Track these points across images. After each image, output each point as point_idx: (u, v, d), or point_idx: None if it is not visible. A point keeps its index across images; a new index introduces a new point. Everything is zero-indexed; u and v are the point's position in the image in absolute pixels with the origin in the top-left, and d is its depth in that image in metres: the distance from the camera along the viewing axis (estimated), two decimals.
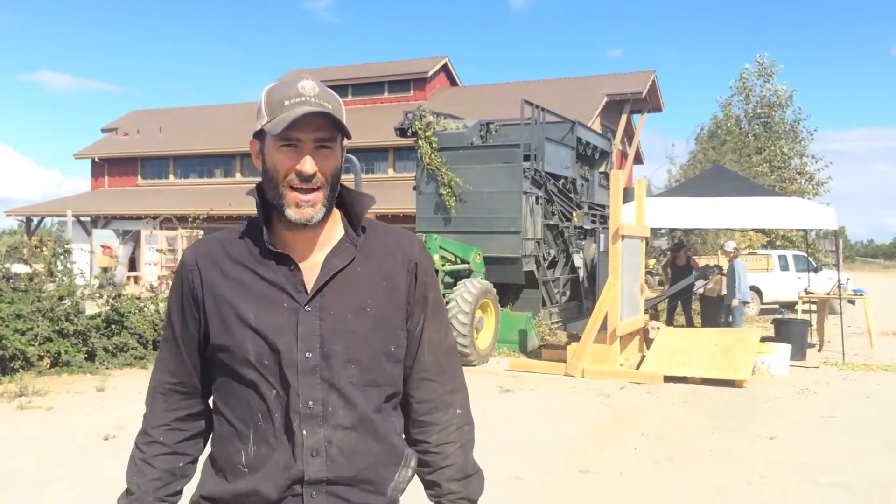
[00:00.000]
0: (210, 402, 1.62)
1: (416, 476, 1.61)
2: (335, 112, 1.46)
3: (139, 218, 25.16)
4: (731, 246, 12.70)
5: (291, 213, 1.46)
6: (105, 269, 11.62)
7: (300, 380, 1.44)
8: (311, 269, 1.51)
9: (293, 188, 1.46)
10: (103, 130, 33.31)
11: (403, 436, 1.62)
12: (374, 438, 1.50)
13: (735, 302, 11.88)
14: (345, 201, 1.57)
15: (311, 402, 1.45)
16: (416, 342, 1.61)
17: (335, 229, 1.55)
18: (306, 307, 1.47)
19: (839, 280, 12.35)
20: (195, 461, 1.63)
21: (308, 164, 1.45)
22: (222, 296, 1.50)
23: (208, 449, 1.61)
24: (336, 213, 1.56)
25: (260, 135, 1.51)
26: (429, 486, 1.64)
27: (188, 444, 1.61)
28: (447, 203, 12.56)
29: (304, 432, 1.44)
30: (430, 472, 1.62)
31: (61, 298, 9.51)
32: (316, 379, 1.45)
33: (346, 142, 1.56)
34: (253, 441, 1.48)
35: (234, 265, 1.51)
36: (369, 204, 1.57)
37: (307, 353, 1.45)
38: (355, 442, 1.47)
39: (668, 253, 15.21)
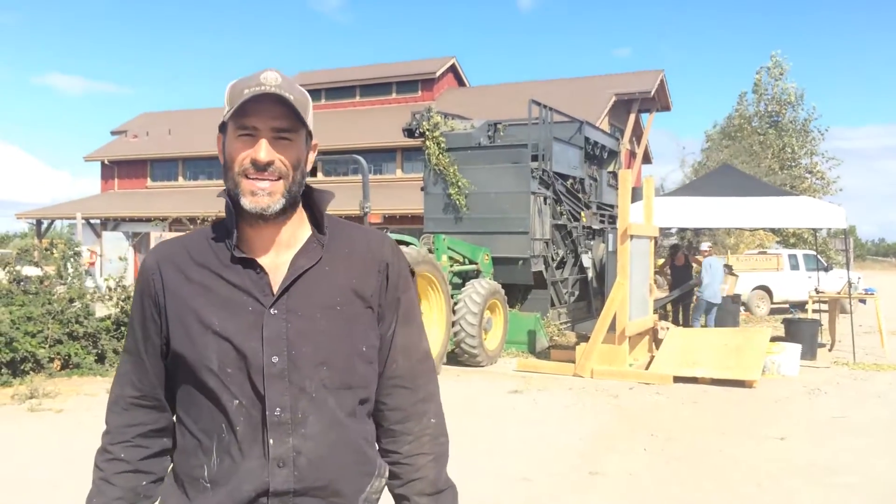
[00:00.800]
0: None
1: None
2: (296, 103, 1.39)
3: (149, 220, 25.36)
4: (705, 246, 13.33)
5: (246, 201, 1.39)
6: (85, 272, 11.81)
7: (267, 386, 1.37)
8: (277, 270, 1.43)
9: (248, 177, 1.39)
10: (113, 133, 33.47)
11: (377, 446, 1.54)
12: (345, 447, 1.43)
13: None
14: (310, 201, 1.50)
15: (278, 410, 1.37)
16: (388, 347, 1.52)
17: (301, 229, 1.49)
18: (272, 310, 1.39)
19: (849, 279, 12.30)
20: (159, 481, 1.52)
21: (263, 152, 1.38)
22: (185, 301, 1.42)
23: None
24: (302, 214, 1.49)
25: (223, 129, 1.45)
26: (398, 499, 1.55)
27: (151, 462, 1.51)
28: (455, 204, 12.58)
29: (271, 441, 1.36)
30: (399, 484, 1.53)
31: (71, 301, 9.57)
32: (284, 384, 1.37)
33: (315, 141, 1.50)
34: (216, 453, 1.39)
35: (199, 269, 1.44)
36: (329, 200, 1.50)
37: (273, 358, 1.37)
38: (326, 451, 1.39)
39: (668, 254, 15.43)
